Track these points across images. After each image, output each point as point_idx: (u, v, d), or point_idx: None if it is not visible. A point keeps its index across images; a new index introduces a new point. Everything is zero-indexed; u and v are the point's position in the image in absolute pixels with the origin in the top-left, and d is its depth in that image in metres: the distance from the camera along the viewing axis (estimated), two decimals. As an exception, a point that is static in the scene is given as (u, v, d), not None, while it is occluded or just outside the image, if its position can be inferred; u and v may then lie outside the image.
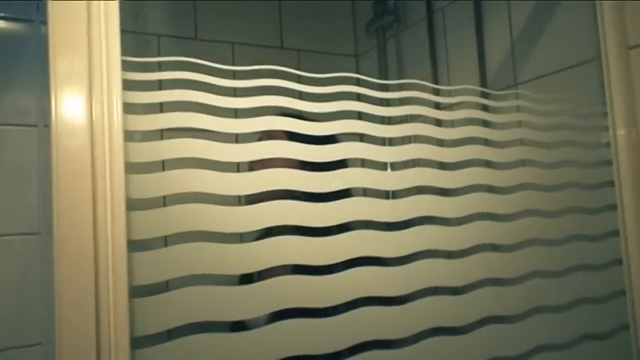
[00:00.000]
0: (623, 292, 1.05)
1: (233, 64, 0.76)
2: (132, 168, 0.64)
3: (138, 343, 0.62)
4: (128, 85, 0.64)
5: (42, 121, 1.48)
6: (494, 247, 0.94)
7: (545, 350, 0.94)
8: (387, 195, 0.95)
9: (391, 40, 1.80)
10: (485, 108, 1.03)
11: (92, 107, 0.61)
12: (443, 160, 0.92)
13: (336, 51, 1.95)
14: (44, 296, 1.44)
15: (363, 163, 0.85)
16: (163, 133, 0.73)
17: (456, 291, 0.87)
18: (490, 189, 0.96)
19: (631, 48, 1.12)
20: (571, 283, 1.00)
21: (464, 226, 0.91)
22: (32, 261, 1.46)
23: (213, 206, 0.69)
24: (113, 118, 0.61)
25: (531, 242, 0.98)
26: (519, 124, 1.07)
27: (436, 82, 1.61)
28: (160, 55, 1.19)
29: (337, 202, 0.78)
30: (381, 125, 0.86)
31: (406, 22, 1.76)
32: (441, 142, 0.94)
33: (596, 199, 1.08)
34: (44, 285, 1.44)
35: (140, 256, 0.64)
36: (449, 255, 0.88)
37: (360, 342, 0.75)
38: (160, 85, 0.70)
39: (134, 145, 0.65)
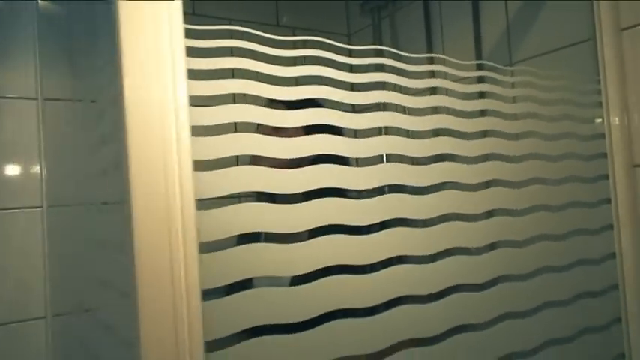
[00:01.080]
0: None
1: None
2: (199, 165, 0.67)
3: (210, 346, 0.65)
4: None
5: (43, 94, 1.47)
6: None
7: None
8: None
9: (386, 20, 1.84)
10: (495, 82, 1.07)
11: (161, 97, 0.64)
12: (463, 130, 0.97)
13: (329, 29, 1.98)
14: (46, 270, 1.45)
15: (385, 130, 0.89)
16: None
17: (477, 287, 0.92)
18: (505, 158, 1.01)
19: (623, 30, 1.19)
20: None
21: (484, 222, 0.95)
22: (35, 235, 1.46)
23: (276, 206, 0.73)
24: (180, 108, 0.64)
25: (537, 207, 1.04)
26: (527, 98, 1.11)
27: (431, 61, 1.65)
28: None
29: (377, 198, 0.82)
30: (406, 96, 0.89)
31: (402, 1, 1.79)
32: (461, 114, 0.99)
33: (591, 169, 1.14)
34: (46, 259, 1.45)
35: (209, 257, 0.67)
36: (468, 251, 0.93)
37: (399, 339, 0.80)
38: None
39: (200, 140, 0.68)
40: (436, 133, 0.94)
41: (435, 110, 0.95)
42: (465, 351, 0.87)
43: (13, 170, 1.45)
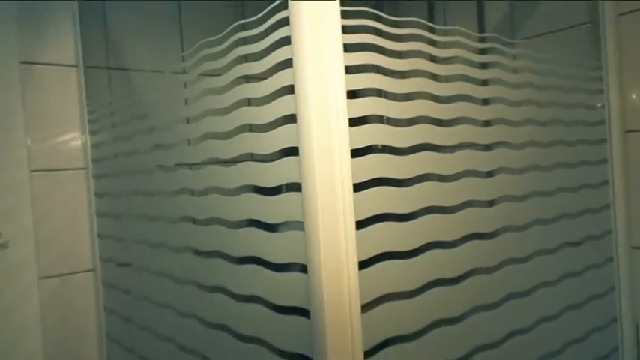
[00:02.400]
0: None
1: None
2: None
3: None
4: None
5: (84, 62, 1.54)
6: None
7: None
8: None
9: (389, -3, 1.97)
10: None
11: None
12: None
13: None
14: (93, 227, 1.54)
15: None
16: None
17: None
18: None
19: (621, 15, 1.38)
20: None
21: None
22: (81, 194, 1.55)
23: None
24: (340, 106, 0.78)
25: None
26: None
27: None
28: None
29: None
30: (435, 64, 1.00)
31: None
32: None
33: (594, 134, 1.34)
34: (93, 217, 1.54)
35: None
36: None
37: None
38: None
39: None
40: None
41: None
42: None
43: (59, 135, 1.52)
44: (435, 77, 0.99)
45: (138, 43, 1.68)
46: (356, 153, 0.81)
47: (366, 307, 0.80)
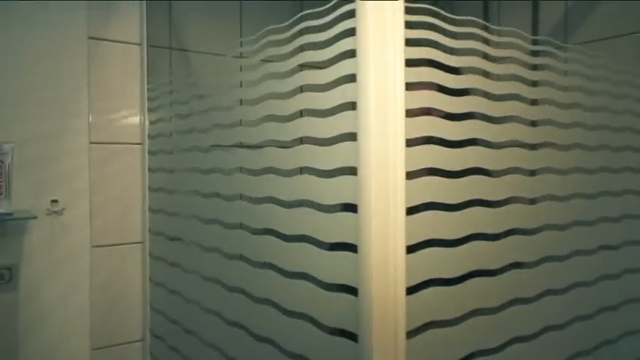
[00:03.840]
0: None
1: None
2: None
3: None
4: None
5: (148, 40, 1.61)
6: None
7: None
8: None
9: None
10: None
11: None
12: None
13: None
14: (145, 201, 1.62)
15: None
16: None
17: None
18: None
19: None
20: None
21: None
22: (136, 169, 1.62)
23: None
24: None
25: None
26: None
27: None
28: None
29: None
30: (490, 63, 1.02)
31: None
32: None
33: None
34: (146, 190, 1.61)
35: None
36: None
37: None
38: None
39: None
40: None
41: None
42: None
43: (117, 112, 1.60)
44: (487, 75, 1.02)
45: (199, 25, 1.75)
46: (410, 143, 0.85)
47: (410, 290, 0.83)
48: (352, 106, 0.83)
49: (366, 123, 0.80)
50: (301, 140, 0.98)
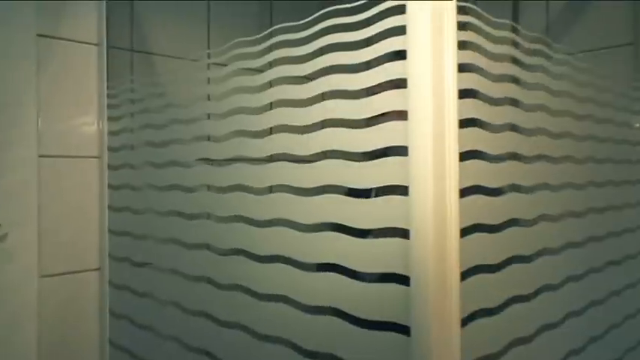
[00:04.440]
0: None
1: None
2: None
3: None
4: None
5: (105, 41, 1.42)
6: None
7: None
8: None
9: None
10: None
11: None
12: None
13: None
14: (104, 222, 1.42)
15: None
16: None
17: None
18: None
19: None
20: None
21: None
22: (92, 185, 1.42)
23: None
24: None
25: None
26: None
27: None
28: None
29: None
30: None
31: None
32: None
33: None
34: (103, 209, 1.42)
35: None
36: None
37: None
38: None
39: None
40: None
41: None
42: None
43: (71, 121, 1.40)
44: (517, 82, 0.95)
45: (164, 26, 1.58)
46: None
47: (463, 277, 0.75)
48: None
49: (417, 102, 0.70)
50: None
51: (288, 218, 0.91)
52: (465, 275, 0.73)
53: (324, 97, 0.88)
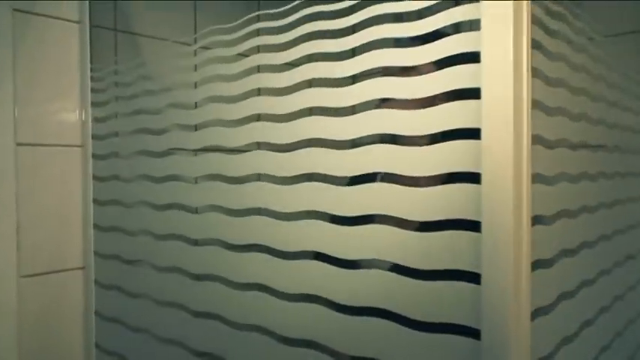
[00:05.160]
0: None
1: None
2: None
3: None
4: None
5: (88, 19, 1.30)
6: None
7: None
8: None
9: None
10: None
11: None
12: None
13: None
14: (88, 217, 1.30)
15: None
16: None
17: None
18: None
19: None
20: None
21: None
22: (75, 177, 1.30)
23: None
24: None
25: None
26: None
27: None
28: None
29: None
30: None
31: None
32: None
33: None
34: (88, 199, 1.30)
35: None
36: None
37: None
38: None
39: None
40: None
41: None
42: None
43: (53, 109, 1.27)
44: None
45: (149, 6, 1.46)
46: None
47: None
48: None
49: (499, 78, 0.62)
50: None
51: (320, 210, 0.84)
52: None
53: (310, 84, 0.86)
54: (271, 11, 0.92)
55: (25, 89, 1.22)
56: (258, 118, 0.94)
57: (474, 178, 0.64)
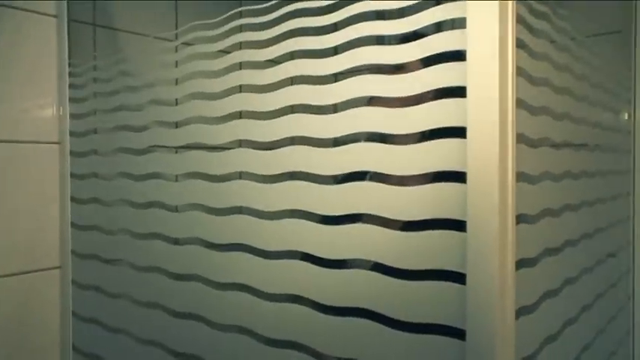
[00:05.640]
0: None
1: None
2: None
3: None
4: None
5: (66, 13, 1.27)
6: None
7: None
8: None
9: None
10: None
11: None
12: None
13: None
14: (65, 215, 1.27)
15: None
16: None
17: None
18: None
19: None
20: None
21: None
22: (52, 175, 1.27)
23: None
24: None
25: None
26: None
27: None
28: None
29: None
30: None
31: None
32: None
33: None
34: (65, 202, 1.27)
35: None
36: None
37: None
38: None
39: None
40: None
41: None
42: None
43: (28, 103, 1.24)
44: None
45: (130, 2, 1.44)
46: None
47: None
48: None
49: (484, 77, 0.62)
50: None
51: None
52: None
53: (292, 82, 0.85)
54: (254, 7, 0.91)
55: (0, 84, 1.19)
56: (240, 115, 0.93)
57: (459, 177, 0.63)
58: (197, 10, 1.53)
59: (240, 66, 0.93)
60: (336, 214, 0.78)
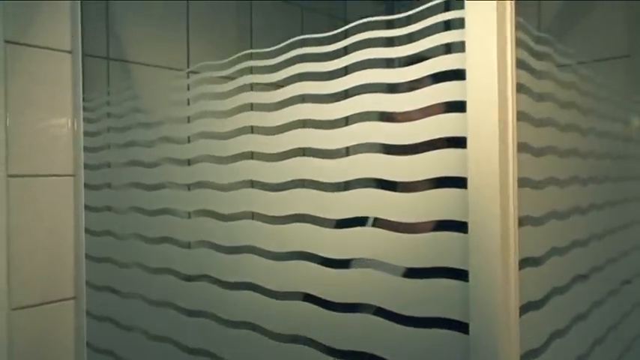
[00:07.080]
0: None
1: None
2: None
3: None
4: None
5: (80, 48, 1.29)
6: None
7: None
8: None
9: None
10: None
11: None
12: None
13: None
14: (79, 246, 1.29)
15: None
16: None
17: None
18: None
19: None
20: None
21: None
22: (67, 206, 1.29)
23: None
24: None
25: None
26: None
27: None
28: None
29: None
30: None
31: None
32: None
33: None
34: (80, 234, 1.29)
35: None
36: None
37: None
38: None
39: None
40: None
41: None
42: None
43: (43, 135, 1.27)
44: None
45: (141, 34, 1.46)
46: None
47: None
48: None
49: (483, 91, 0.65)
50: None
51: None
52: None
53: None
54: (263, 50, 0.92)
55: (16, 120, 1.22)
56: (252, 156, 0.94)
57: (460, 182, 0.67)
58: (208, 45, 1.55)
59: (252, 107, 0.95)
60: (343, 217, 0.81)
